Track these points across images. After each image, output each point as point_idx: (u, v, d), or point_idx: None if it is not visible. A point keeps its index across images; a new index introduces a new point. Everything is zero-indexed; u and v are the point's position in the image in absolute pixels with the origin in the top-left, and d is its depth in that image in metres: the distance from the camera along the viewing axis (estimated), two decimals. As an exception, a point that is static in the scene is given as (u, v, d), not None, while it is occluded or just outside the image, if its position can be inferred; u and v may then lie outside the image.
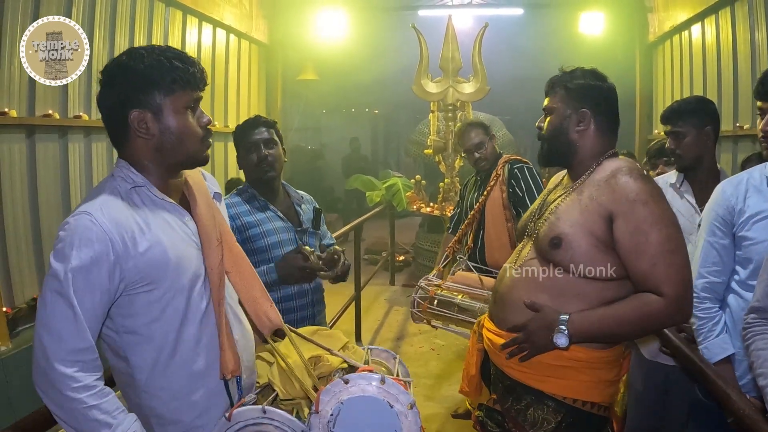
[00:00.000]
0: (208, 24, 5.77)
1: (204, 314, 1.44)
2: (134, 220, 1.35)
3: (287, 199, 2.43)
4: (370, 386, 1.37)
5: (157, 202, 1.41)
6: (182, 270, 1.39)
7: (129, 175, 1.39)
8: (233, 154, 2.49)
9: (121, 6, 4.35)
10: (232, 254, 1.55)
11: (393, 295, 6.70)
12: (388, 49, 8.52)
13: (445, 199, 5.54)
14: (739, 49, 4.99)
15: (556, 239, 1.66)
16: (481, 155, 3.37)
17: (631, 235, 1.57)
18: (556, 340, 1.61)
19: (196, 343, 1.42)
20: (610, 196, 1.62)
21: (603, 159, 1.75)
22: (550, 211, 1.75)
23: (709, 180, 2.40)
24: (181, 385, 1.41)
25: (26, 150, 3.55)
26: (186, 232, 1.44)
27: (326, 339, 1.67)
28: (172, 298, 1.38)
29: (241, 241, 2.24)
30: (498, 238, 3.26)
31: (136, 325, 1.37)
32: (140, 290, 1.35)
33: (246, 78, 6.77)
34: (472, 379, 1.98)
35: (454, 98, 5.57)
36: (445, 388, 4.23)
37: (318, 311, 2.45)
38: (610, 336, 1.64)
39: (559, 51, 8.09)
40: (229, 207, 2.25)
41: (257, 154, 2.31)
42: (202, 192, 1.55)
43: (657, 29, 6.79)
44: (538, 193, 3.16)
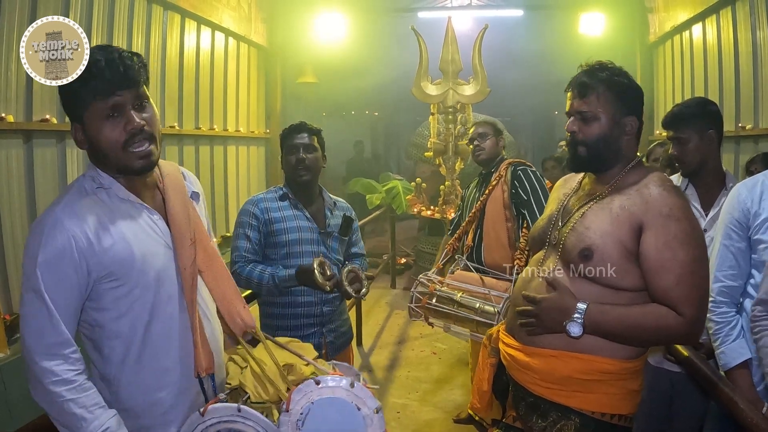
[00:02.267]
0: (207, 27, 5.75)
1: (174, 311, 1.47)
2: (99, 217, 1.39)
3: (320, 203, 2.56)
4: (340, 389, 1.43)
5: (123, 201, 1.44)
6: (148, 267, 1.43)
7: (96, 176, 1.43)
8: (236, 157, 2.55)
9: (118, 10, 4.32)
10: (206, 254, 1.58)
11: (394, 298, 6.67)
12: (388, 52, 8.50)
13: (446, 202, 5.51)
14: (741, 49, 4.96)
15: (586, 250, 1.61)
16: (480, 144, 3.38)
17: (659, 250, 1.54)
18: (568, 327, 1.57)
19: (165, 339, 1.46)
20: (642, 206, 1.58)
21: (631, 165, 1.70)
22: (577, 220, 1.69)
23: (714, 183, 2.36)
24: (150, 381, 1.45)
25: (24, 155, 3.52)
26: (154, 230, 1.48)
27: (298, 350, 1.71)
28: (139, 295, 1.42)
29: (266, 234, 2.43)
30: (497, 237, 3.23)
31: (105, 320, 1.41)
32: (107, 285, 1.39)
33: (245, 81, 6.75)
34: (484, 396, 1.93)
35: (454, 100, 5.54)
36: (447, 393, 4.21)
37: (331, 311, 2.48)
38: (621, 337, 1.60)
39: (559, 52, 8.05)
40: (261, 201, 2.47)
41: (296, 156, 2.45)
42: (178, 191, 1.57)
43: (657, 29, 6.77)
44: (543, 197, 3.15)
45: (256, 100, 7.10)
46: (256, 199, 2.49)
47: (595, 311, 1.57)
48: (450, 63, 5.59)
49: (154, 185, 1.55)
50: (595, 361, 1.61)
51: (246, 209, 2.47)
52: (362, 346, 5.13)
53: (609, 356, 1.61)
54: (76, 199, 1.39)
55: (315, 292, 2.38)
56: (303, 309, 2.42)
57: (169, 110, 5.10)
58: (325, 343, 2.44)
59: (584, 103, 1.67)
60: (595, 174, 1.76)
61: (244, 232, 2.42)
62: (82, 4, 3.92)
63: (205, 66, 5.73)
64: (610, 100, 1.66)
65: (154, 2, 4.79)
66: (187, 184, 1.63)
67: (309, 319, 2.43)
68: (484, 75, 5.48)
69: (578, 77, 1.70)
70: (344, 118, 12.69)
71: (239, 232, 2.44)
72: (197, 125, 5.60)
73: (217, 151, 6.08)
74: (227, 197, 6.26)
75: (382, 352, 5.04)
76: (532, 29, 8.14)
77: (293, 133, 2.49)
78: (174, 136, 5.20)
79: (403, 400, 4.11)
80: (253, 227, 2.42)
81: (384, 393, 4.20)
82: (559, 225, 1.77)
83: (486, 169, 3.44)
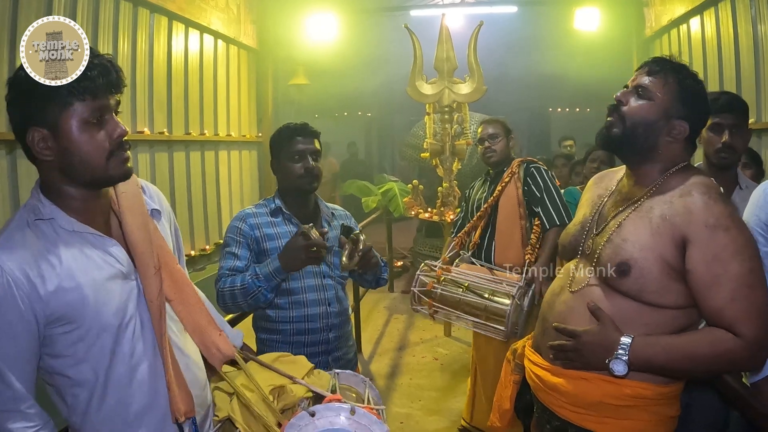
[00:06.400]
0: (195, 30, 5.61)
1: (138, 351, 1.31)
2: (43, 255, 1.22)
3: (317, 214, 2.30)
4: (339, 418, 1.28)
5: (69, 233, 1.27)
6: (103, 305, 1.26)
7: (36, 206, 1.26)
8: (228, 162, 2.37)
9: (103, 13, 4.18)
10: (173, 280, 1.41)
11: (392, 302, 6.56)
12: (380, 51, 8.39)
13: (444, 204, 5.39)
14: (741, 43, 4.86)
15: (624, 265, 1.47)
16: (491, 145, 3.27)
17: (708, 265, 1.39)
18: (612, 366, 1.43)
19: (129, 382, 1.30)
20: (685, 217, 1.43)
21: (674, 169, 1.55)
22: (614, 230, 1.54)
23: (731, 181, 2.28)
24: (118, 428, 1.30)
25: (7, 167, 3.37)
26: (108, 261, 1.30)
27: (289, 365, 1.54)
28: (96, 337, 1.26)
29: (257, 253, 2.15)
30: (511, 235, 3.13)
31: (63, 367, 1.26)
32: (59, 330, 1.23)
33: (235, 84, 6.61)
34: (505, 414, 1.80)
35: (450, 99, 5.41)
36: (451, 401, 4.10)
37: (337, 337, 2.24)
38: (673, 371, 1.47)
39: (554, 48, 7.99)
40: (250, 217, 2.22)
41: (304, 165, 2.18)
42: (136, 211, 1.39)
43: (654, 24, 6.68)
44: (557, 195, 3.07)
45: (247, 104, 6.97)
46: (244, 214, 2.23)
47: (641, 344, 1.43)
48: (445, 61, 5.47)
49: (107, 207, 1.37)
50: (629, 386, 1.48)
51: (233, 226, 2.21)
52: (362, 353, 5.02)
53: (644, 380, 1.48)
54: (18, 236, 1.23)
55: (320, 317, 2.17)
56: (307, 337, 2.18)
57: (158, 116, 4.96)
58: None
59: (648, 79, 1.55)
60: (626, 164, 1.62)
61: (231, 250, 2.17)
62: (65, 7, 3.77)
63: (194, 70, 5.59)
64: (673, 94, 1.53)
65: (140, 5, 4.64)
66: (146, 199, 1.45)
67: (314, 348, 2.19)
68: (480, 73, 5.36)
69: (655, 58, 1.58)
70: (337, 120, 12.57)
71: (225, 252, 2.19)
72: (187, 130, 5.46)
73: (209, 156, 5.94)
74: (220, 203, 6.12)
75: (383, 359, 4.93)
76: (526, 25, 8.06)
77: (296, 135, 2.20)
78: (164, 142, 5.06)
79: (406, 409, 4.00)
80: (241, 244, 2.16)
81: (386, 402, 4.08)
82: (593, 233, 1.62)
83: (494, 169, 3.34)
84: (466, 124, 5.52)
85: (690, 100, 1.54)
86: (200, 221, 5.71)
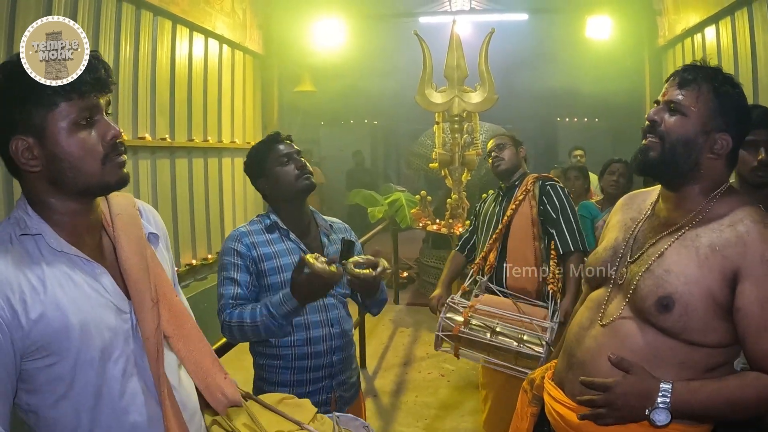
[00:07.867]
0: (200, 34, 5.52)
1: (129, 392, 1.15)
2: (25, 278, 1.07)
3: (314, 229, 2.15)
4: None
5: (56, 253, 1.12)
6: (90, 339, 1.11)
7: (23, 218, 1.12)
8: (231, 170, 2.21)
9: (105, 16, 4.09)
10: (172, 314, 1.25)
11: (398, 315, 6.41)
12: (388, 58, 8.31)
13: (452, 216, 5.24)
14: (759, 53, 4.73)
15: (666, 299, 1.32)
16: (498, 154, 3.15)
17: (763, 304, 1.25)
18: (654, 417, 1.29)
19: (117, 425, 1.14)
20: (738, 249, 1.29)
21: (719, 193, 1.40)
22: (654, 260, 1.39)
23: None
24: None
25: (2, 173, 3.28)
26: (98, 290, 1.15)
27: (293, 409, 1.41)
28: (80, 372, 1.10)
29: (255, 275, 1.99)
30: (523, 256, 2.96)
31: (42, 405, 1.11)
32: (39, 363, 1.08)
33: (240, 90, 6.51)
34: None
35: (460, 108, 5.29)
36: (456, 419, 3.95)
37: (341, 359, 2.09)
38: (716, 416, 1.34)
39: (564, 57, 7.89)
40: (245, 236, 2.05)
41: (295, 164, 2.06)
42: (133, 236, 1.23)
43: (667, 32, 6.56)
44: (573, 216, 2.91)
45: (251, 110, 6.86)
46: (239, 233, 2.06)
47: (683, 390, 1.29)
48: (455, 69, 5.35)
49: (99, 226, 1.22)
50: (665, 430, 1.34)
51: (228, 248, 2.03)
52: (366, 368, 4.87)
53: (680, 422, 1.33)
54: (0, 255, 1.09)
55: (323, 339, 2.02)
56: (310, 361, 2.02)
57: (160, 121, 4.86)
58: (334, 398, 2.07)
59: (680, 93, 1.40)
60: (665, 187, 1.48)
61: (230, 276, 1.99)
62: (66, 8, 3.68)
63: (198, 74, 5.49)
64: (709, 104, 1.38)
65: (143, 8, 4.56)
66: (143, 222, 1.30)
67: (317, 372, 2.03)
68: (492, 81, 5.24)
69: (686, 67, 1.43)
70: (343, 128, 12.48)
71: (223, 277, 2.02)
72: (190, 137, 5.35)
73: (212, 163, 5.83)
74: (223, 212, 6.01)
75: (388, 375, 4.77)
76: (536, 33, 7.98)
77: (275, 143, 2.10)
78: (166, 148, 4.95)
79: (411, 429, 3.85)
80: (239, 268, 1.99)
81: (390, 422, 3.94)
82: (627, 260, 1.48)
83: (506, 182, 3.18)
84: (476, 134, 5.39)
85: (729, 110, 1.40)
86: (202, 230, 5.59)
